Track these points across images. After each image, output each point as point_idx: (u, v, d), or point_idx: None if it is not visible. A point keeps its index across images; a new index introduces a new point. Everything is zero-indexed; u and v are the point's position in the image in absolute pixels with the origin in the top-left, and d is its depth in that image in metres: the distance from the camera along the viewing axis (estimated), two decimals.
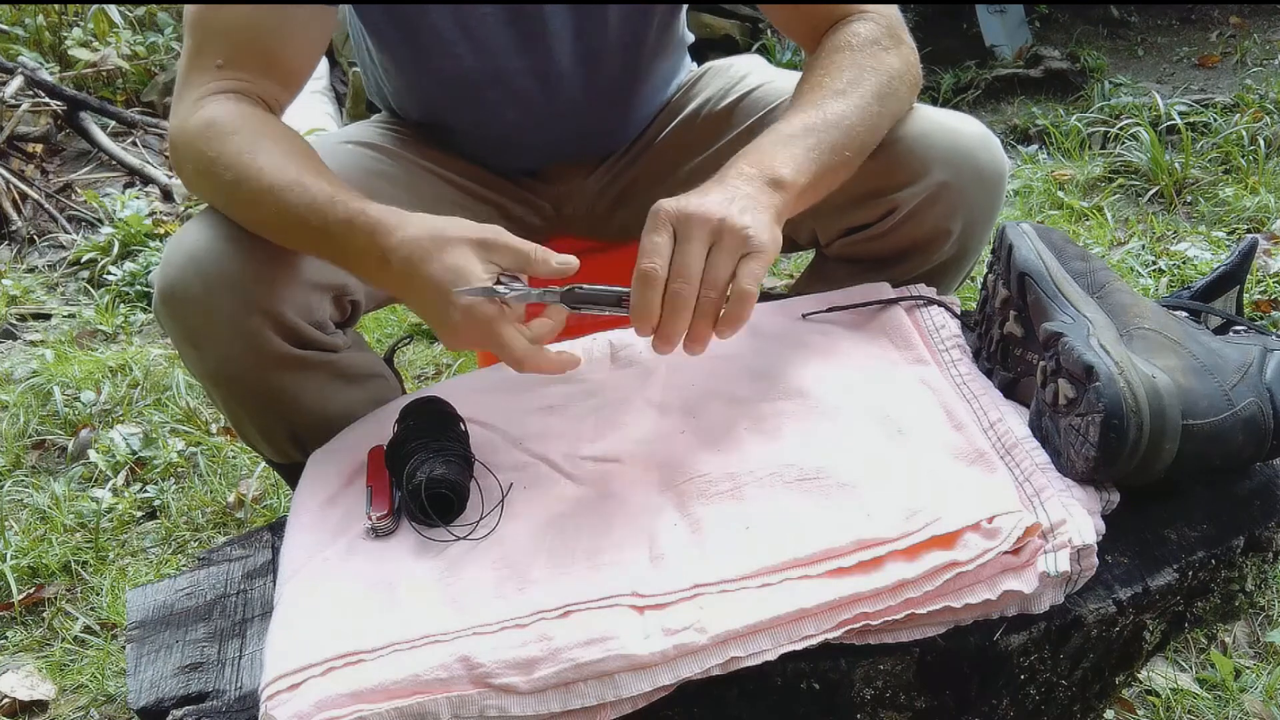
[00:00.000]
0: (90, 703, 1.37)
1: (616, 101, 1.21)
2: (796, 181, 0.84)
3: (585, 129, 1.22)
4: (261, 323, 0.91)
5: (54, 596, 1.54)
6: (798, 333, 0.97)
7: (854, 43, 0.96)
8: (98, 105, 3.19)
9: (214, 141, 0.90)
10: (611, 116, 1.23)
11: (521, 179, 1.27)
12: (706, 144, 1.20)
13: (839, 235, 1.10)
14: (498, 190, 1.24)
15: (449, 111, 1.19)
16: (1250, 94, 2.95)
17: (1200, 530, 0.75)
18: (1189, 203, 2.48)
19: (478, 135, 1.21)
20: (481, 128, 1.20)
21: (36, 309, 2.45)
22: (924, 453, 0.79)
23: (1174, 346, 0.76)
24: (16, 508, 1.75)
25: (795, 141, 0.86)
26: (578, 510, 0.79)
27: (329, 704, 0.64)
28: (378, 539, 0.79)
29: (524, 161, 1.26)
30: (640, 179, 1.25)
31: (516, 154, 1.24)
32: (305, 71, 1.01)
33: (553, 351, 0.82)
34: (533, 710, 0.65)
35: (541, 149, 1.24)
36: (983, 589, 0.68)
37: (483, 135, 1.21)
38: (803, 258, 2.28)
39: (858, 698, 0.69)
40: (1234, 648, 1.30)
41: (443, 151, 1.21)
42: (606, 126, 1.24)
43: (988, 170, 1.04)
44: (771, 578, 0.69)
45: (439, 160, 1.20)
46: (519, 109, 1.16)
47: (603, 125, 1.23)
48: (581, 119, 1.20)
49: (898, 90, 0.96)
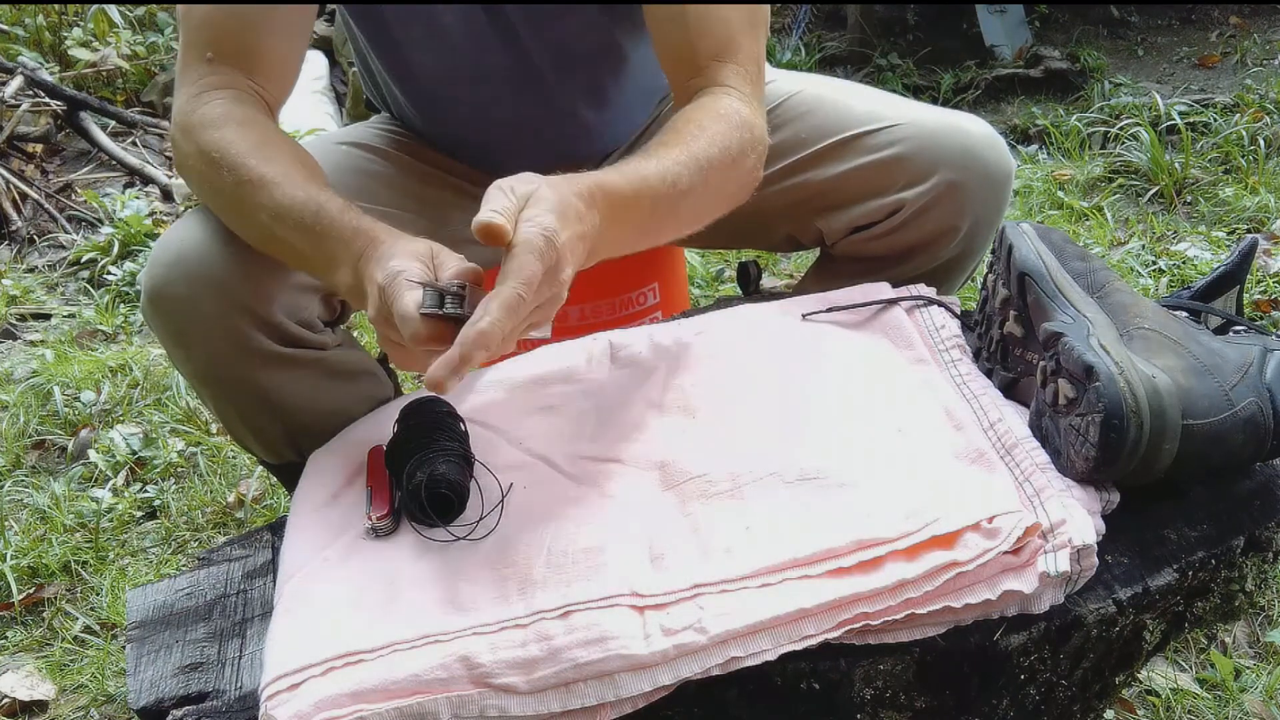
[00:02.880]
0: (90, 703, 1.37)
1: (603, 105, 1.21)
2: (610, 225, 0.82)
3: (574, 133, 1.22)
4: (248, 322, 0.91)
5: (54, 596, 1.54)
6: (798, 333, 0.97)
7: (723, 113, 0.92)
8: (98, 105, 3.19)
9: (217, 141, 0.90)
10: (600, 121, 1.22)
11: None
12: None
13: (845, 234, 1.10)
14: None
15: (435, 116, 1.19)
16: (1250, 94, 2.95)
17: (1200, 530, 0.75)
18: (1189, 203, 2.48)
19: (467, 138, 1.21)
20: (468, 130, 1.20)
21: (36, 309, 2.45)
22: (924, 453, 0.79)
23: (1174, 346, 0.76)
24: (16, 508, 1.75)
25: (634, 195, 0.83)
26: (578, 510, 0.79)
27: (329, 704, 0.64)
28: (378, 539, 0.79)
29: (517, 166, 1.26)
30: None
31: (508, 158, 1.24)
32: (289, 66, 1.00)
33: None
34: (533, 710, 0.65)
35: (532, 153, 1.24)
36: (983, 589, 0.68)
37: (471, 138, 1.21)
38: (803, 257, 2.28)
39: (858, 698, 0.69)
40: (1234, 648, 1.30)
41: (437, 153, 1.21)
42: (597, 130, 1.24)
43: (994, 170, 1.04)
44: (771, 578, 0.69)
45: (433, 161, 1.20)
46: (501, 112, 1.16)
47: (593, 129, 1.23)
48: (567, 122, 1.20)
49: (739, 178, 0.94)
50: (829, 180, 1.08)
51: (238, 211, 0.91)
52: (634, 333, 1.01)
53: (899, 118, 1.08)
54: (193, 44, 0.96)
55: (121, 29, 3.59)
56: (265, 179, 0.87)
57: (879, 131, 1.08)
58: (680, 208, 0.88)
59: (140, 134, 3.29)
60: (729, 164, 0.91)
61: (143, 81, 3.57)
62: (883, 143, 1.07)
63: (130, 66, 3.54)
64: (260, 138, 0.91)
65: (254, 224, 0.89)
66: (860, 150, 1.08)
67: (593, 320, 1.42)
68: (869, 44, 3.69)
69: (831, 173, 1.08)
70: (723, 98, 0.95)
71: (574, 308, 1.43)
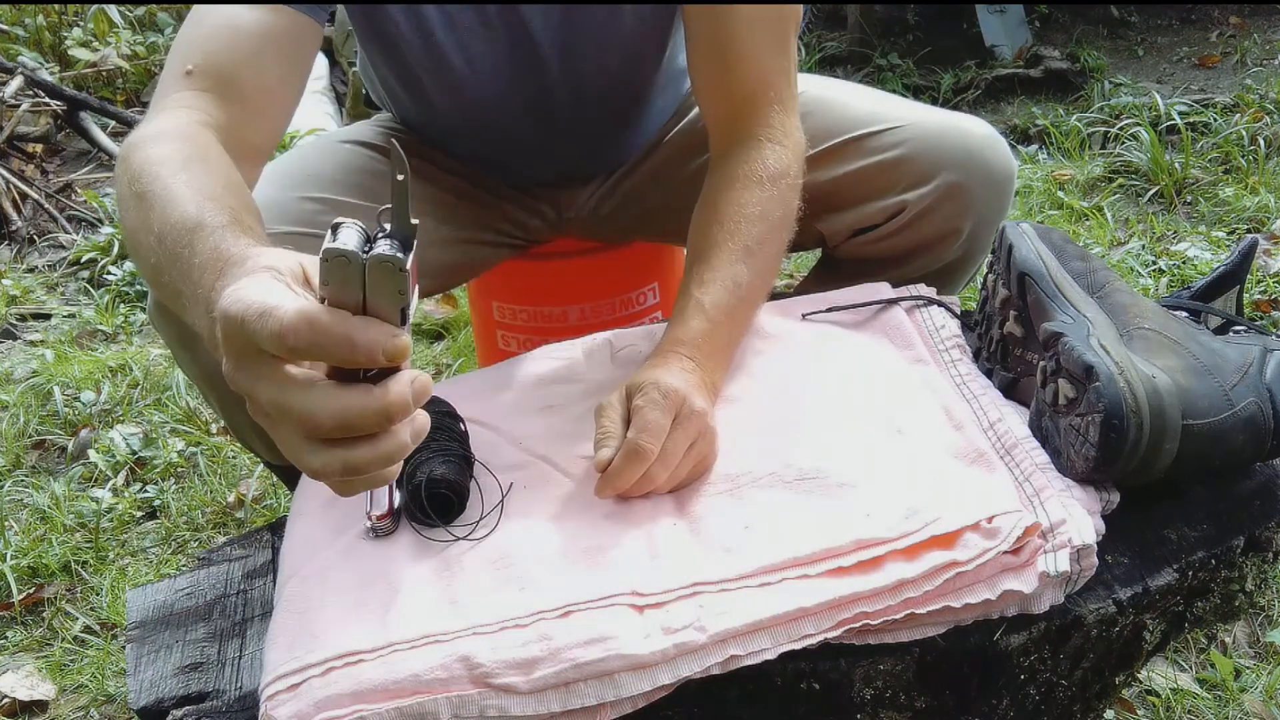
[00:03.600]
0: (90, 703, 1.37)
1: (625, 126, 1.21)
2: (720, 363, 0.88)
3: (592, 150, 1.22)
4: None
5: (54, 596, 1.54)
6: (797, 333, 0.97)
7: (764, 176, 0.95)
8: (98, 105, 3.19)
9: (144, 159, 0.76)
10: (620, 138, 1.23)
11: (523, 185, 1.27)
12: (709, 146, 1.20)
13: (847, 236, 1.10)
14: (497, 193, 1.24)
15: (449, 135, 1.19)
16: (1250, 94, 2.95)
17: (1200, 530, 0.75)
18: (1189, 203, 2.48)
19: (480, 152, 1.21)
20: (483, 148, 1.20)
21: (36, 309, 2.45)
22: (924, 452, 0.79)
23: (1174, 346, 0.76)
24: (16, 508, 1.75)
25: (717, 328, 0.88)
26: (578, 510, 0.79)
27: (329, 704, 0.64)
28: (378, 539, 0.79)
29: (523, 178, 1.26)
30: (644, 181, 1.25)
31: (515, 170, 1.24)
32: (270, 105, 0.90)
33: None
34: (533, 710, 0.65)
35: (542, 167, 1.24)
36: (982, 589, 0.68)
37: (485, 153, 1.21)
38: (803, 257, 2.27)
39: (858, 698, 0.69)
40: (1234, 648, 1.30)
41: (441, 153, 1.21)
42: (616, 146, 1.24)
43: (997, 171, 1.04)
44: (771, 577, 0.69)
45: (437, 160, 1.20)
46: (519, 135, 1.15)
47: (612, 146, 1.23)
48: (586, 143, 1.20)
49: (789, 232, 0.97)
50: (830, 182, 1.08)
51: (132, 237, 0.74)
52: (634, 332, 1.01)
53: (900, 119, 1.08)
54: (173, 63, 0.89)
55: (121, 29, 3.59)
56: (162, 194, 0.71)
57: (880, 133, 1.08)
58: (755, 289, 0.92)
59: None
60: (775, 226, 0.95)
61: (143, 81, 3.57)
62: (884, 144, 1.07)
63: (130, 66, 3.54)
64: (189, 155, 0.76)
65: (143, 252, 0.71)
66: (861, 152, 1.08)
67: (593, 320, 1.42)
68: (869, 44, 3.69)
69: (832, 174, 1.08)
70: (755, 158, 0.96)
71: (574, 307, 1.43)
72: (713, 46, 0.98)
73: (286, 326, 0.50)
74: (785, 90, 0.99)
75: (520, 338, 1.45)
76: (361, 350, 0.51)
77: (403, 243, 0.50)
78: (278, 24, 0.90)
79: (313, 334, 0.50)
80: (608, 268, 1.42)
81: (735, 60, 0.98)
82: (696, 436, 0.78)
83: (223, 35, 0.88)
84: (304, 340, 0.51)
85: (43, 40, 3.55)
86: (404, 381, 0.54)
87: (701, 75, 1.01)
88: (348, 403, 0.53)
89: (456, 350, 2.11)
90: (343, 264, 0.49)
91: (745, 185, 0.94)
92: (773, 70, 0.98)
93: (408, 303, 0.51)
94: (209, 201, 0.69)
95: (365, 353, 0.51)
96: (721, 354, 0.89)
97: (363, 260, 0.49)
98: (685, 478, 0.79)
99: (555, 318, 1.43)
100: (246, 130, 0.86)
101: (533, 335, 1.43)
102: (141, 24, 3.71)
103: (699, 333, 0.86)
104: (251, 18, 0.89)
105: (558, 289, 1.43)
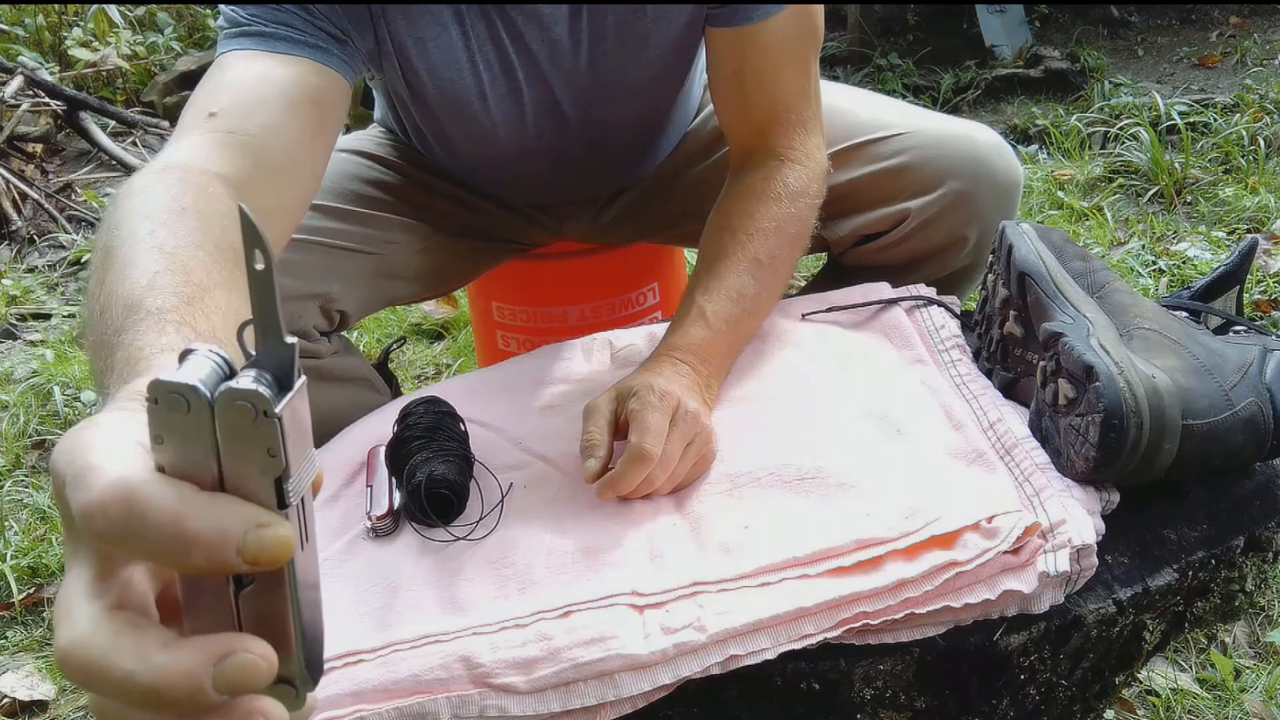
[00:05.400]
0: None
1: (644, 156, 1.21)
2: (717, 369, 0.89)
3: (597, 182, 1.22)
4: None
5: (54, 596, 1.54)
6: (797, 333, 0.97)
7: (782, 193, 0.95)
8: (98, 105, 3.19)
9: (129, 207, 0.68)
10: (636, 166, 1.23)
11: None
12: (709, 152, 1.20)
13: (851, 243, 1.10)
14: (498, 203, 1.24)
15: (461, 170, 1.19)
16: (1250, 94, 2.95)
17: (1200, 530, 0.75)
18: (1189, 203, 2.48)
19: (491, 188, 1.21)
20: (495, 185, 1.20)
21: (36, 309, 2.45)
22: (923, 453, 0.79)
23: (1174, 346, 0.76)
24: (16, 508, 1.75)
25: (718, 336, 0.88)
26: (578, 510, 0.79)
27: (329, 704, 0.64)
28: (378, 539, 0.79)
29: (530, 200, 1.26)
30: (646, 193, 1.25)
31: (530, 196, 1.24)
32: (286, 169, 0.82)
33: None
34: (533, 710, 0.65)
35: (550, 194, 1.24)
36: (982, 589, 0.67)
37: (497, 190, 1.21)
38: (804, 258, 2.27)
39: (858, 698, 0.69)
40: (1234, 648, 1.30)
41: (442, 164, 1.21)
42: (621, 176, 1.24)
43: (1003, 178, 1.04)
44: (770, 577, 0.69)
45: (437, 172, 1.20)
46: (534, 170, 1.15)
47: (616, 177, 1.24)
48: (594, 177, 1.20)
49: (802, 249, 0.98)
50: (833, 188, 1.08)
51: (85, 300, 0.67)
52: (634, 332, 1.01)
53: (905, 126, 1.07)
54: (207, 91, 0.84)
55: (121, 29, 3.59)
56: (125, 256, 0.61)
57: (884, 140, 1.07)
58: (760, 301, 0.93)
59: (140, 134, 3.29)
60: (788, 241, 0.95)
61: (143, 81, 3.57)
62: (888, 151, 1.06)
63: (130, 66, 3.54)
64: (184, 206, 0.67)
65: (87, 319, 0.62)
66: (866, 159, 1.08)
67: (593, 320, 1.42)
68: (869, 44, 3.69)
69: (834, 180, 1.08)
70: (774, 175, 0.96)
71: (574, 308, 1.43)
72: (735, 69, 0.99)
73: (93, 502, 0.33)
74: (806, 111, 1.00)
75: (520, 338, 1.45)
76: (200, 545, 0.32)
77: (276, 375, 0.34)
78: (311, 83, 0.86)
79: (127, 516, 0.32)
80: (608, 268, 1.42)
81: (756, 82, 0.98)
82: (693, 437, 0.78)
83: (249, 85, 0.83)
84: (115, 524, 0.32)
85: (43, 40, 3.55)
86: (202, 649, 0.32)
87: (724, 96, 1.02)
88: (110, 653, 0.32)
89: (456, 350, 2.11)
90: (178, 407, 0.33)
91: (762, 199, 0.95)
92: (794, 92, 0.99)
93: (285, 470, 0.33)
94: (165, 274, 0.59)
95: (205, 550, 0.32)
96: (720, 362, 0.89)
97: (208, 399, 0.33)
98: (684, 478, 0.79)
99: (555, 318, 1.43)
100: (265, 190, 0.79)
101: (533, 335, 1.43)
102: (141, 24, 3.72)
103: (698, 339, 0.87)
104: (282, 73, 0.84)
105: (558, 289, 1.43)
